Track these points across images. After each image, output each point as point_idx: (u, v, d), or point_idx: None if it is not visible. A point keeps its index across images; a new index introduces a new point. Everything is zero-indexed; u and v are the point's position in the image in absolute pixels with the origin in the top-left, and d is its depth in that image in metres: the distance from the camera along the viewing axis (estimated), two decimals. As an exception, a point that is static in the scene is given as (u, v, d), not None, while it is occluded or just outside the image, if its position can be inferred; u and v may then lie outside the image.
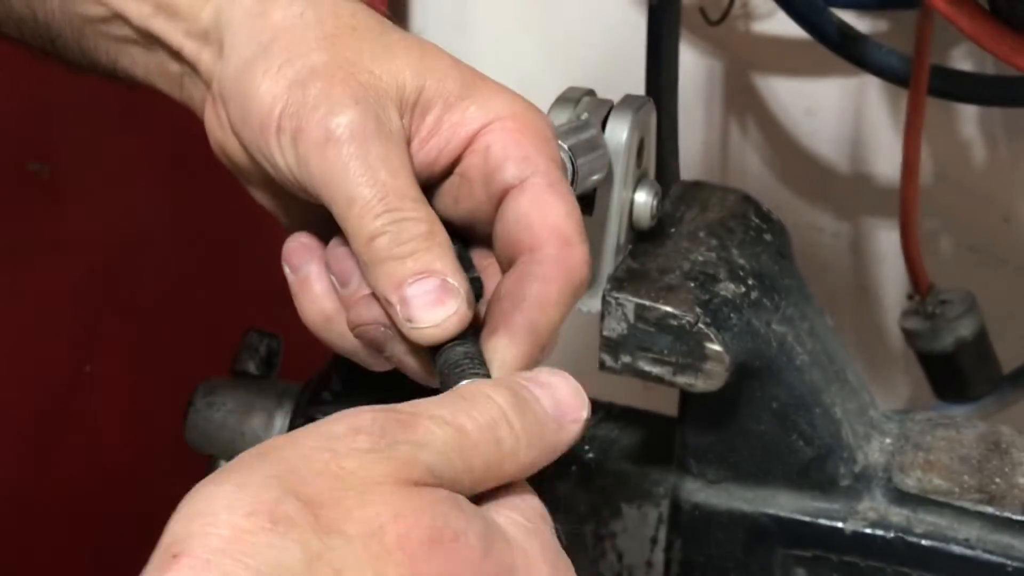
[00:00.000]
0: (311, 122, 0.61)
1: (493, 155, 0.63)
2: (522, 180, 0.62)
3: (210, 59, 0.67)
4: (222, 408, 1.00)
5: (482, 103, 0.64)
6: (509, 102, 0.64)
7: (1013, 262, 1.50)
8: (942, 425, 0.85)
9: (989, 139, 1.46)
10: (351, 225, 0.60)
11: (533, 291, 0.60)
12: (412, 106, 0.63)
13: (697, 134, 1.53)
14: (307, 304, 0.64)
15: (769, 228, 0.86)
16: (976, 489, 0.81)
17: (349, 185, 0.60)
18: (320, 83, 0.62)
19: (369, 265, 0.60)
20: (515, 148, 0.63)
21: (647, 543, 0.87)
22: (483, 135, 0.63)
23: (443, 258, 0.60)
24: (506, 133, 0.63)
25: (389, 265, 0.59)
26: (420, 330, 0.59)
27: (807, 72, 1.49)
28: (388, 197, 0.60)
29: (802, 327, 0.82)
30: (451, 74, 0.64)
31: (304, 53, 0.63)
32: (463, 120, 0.63)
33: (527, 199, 0.62)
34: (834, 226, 1.55)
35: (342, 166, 0.60)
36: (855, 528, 0.81)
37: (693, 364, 0.76)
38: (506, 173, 0.63)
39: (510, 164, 0.63)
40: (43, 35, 0.74)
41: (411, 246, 0.59)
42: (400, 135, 0.62)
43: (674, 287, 0.77)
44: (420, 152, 0.63)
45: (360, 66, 0.63)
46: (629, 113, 0.77)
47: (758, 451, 0.82)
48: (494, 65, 1.75)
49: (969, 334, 1.33)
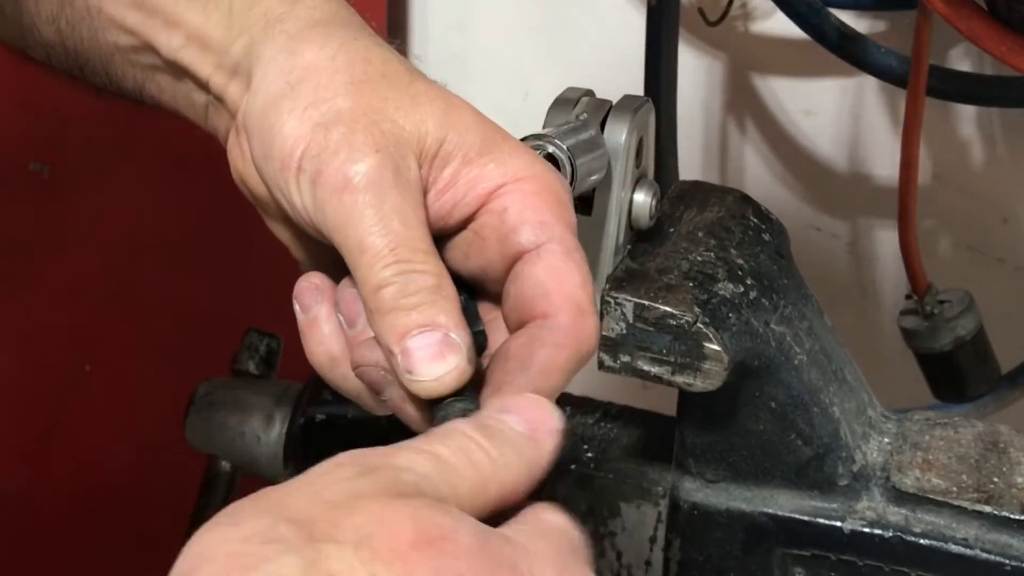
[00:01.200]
0: (331, 167, 0.61)
1: (510, 217, 0.63)
2: (538, 245, 0.63)
3: (237, 92, 0.67)
4: (222, 408, 1.01)
5: (502, 161, 0.64)
6: (529, 163, 0.64)
7: (1011, 262, 1.50)
8: (940, 425, 0.86)
9: (987, 139, 1.46)
10: (361, 273, 0.61)
11: (542, 356, 0.61)
12: (432, 157, 0.63)
13: (696, 134, 1.53)
14: (314, 345, 0.65)
15: (768, 228, 0.86)
16: (974, 488, 0.81)
17: (362, 233, 0.61)
18: (343, 128, 0.62)
19: (375, 313, 0.60)
20: (532, 212, 0.63)
21: (646, 542, 0.88)
22: (500, 195, 0.63)
23: (448, 312, 0.60)
24: (523, 196, 0.63)
25: (394, 315, 0.60)
26: (419, 383, 0.59)
27: (806, 72, 1.49)
28: (399, 248, 0.60)
29: (800, 327, 0.82)
30: (473, 129, 0.64)
31: (331, 97, 0.63)
32: (481, 176, 0.64)
33: (543, 265, 0.62)
34: (833, 226, 1.55)
35: (357, 213, 0.61)
36: (853, 527, 0.81)
37: (692, 363, 0.77)
38: (522, 236, 0.63)
39: (527, 228, 0.63)
40: (71, 61, 0.74)
41: (417, 299, 0.60)
42: (417, 185, 0.63)
43: (673, 287, 0.78)
44: (436, 203, 0.64)
45: (384, 114, 0.63)
46: (628, 113, 0.77)
47: (757, 450, 0.82)
48: (494, 65, 1.76)
49: (967, 334, 1.33)
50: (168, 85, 0.71)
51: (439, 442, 0.54)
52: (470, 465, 0.54)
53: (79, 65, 0.74)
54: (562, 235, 0.63)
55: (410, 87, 0.65)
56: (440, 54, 1.60)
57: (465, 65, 1.60)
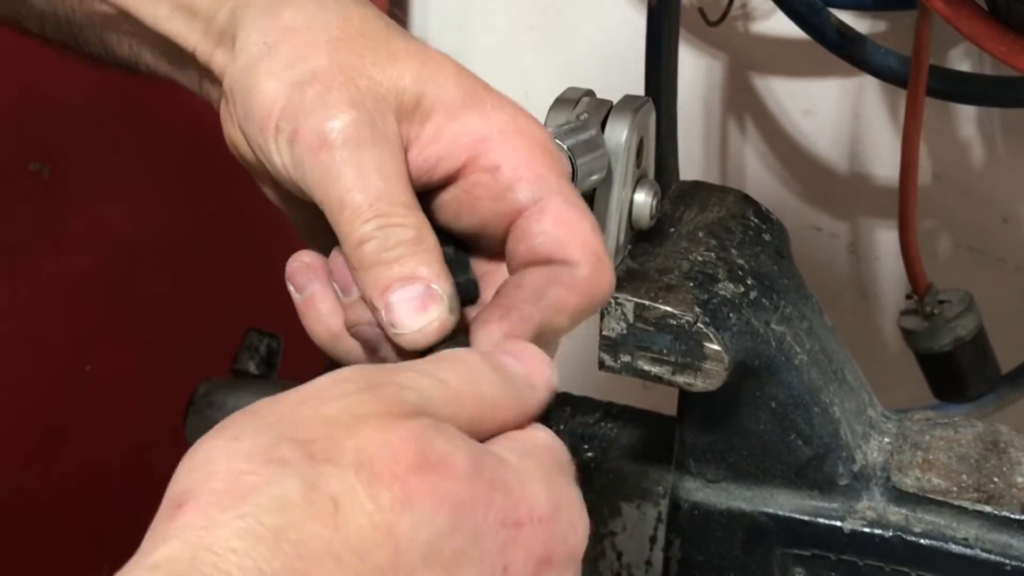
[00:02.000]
0: (306, 126, 0.61)
1: (503, 175, 0.63)
2: (537, 200, 0.63)
3: (223, 59, 0.67)
4: (222, 408, 1.00)
5: (484, 113, 0.64)
6: (513, 116, 0.64)
7: (1011, 262, 1.50)
8: (940, 424, 0.86)
9: (987, 139, 1.46)
10: (342, 229, 0.61)
11: (556, 293, 0.61)
12: (411, 112, 0.63)
13: (696, 134, 1.54)
14: (314, 323, 0.65)
15: (768, 228, 0.86)
16: (974, 488, 0.81)
17: (341, 189, 0.60)
18: (319, 86, 0.62)
19: (358, 270, 0.60)
20: (527, 168, 0.63)
21: (646, 542, 0.88)
22: (489, 151, 0.63)
23: (429, 263, 0.60)
24: (514, 152, 0.63)
25: (376, 270, 0.60)
26: (403, 335, 0.59)
27: (806, 73, 1.49)
28: (378, 203, 0.60)
29: (801, 327, 0.82)
30: (454, 82, 0.64)
31: (308, 56, 0.63)
32: (465, 130, 0.63)
33: (550, 219, 0.62)
34: (833, 226, 1.55)
35: (336, 171, 0.61)
36: (853, 527, 0.81)
37: (692, 363, 0.77)
38: (519, 194, 0.63)
39: (523, 185, 0.63)
40: (64, 31, 0.74)
41: (398, 251, 0.60)
42: (396, 140, 0.62)
43: (673, 287, 0.78)
44: (419, 158, 0.63)
45: (361, 71, 0.63)
46: (628, 113, 0.77)
47: (757, 450, 0.82)
48: (494, 65, 1.76)
49: (967, 334, 1.33)
50: (160, 53, 0.71)
51: (448, 367, 0.55)
52: (476, 396, 0.55)
53: (73, 35, 0.74)
54: (560, 186, 0.63)
55: (388, 44, 0.65)
56: (440, 54, 1.60)
57: (465, 65, 1.60)
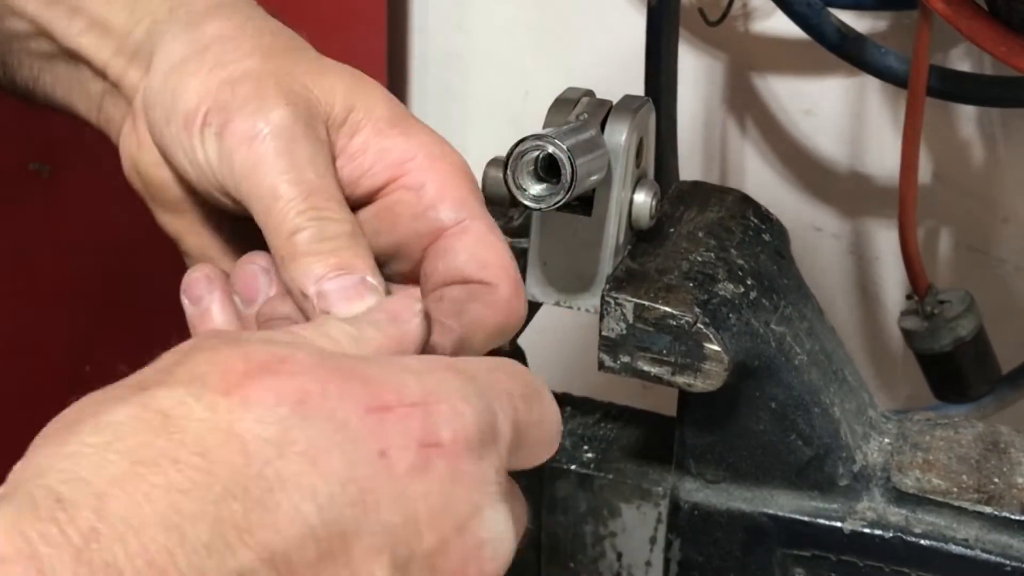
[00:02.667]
0: (239, 116, 0.61)
1: (428, 194, 0.63)
2: (459, 221, 0.63)
3: (136, 76, 0.67)
4: (222, 408, 1.00)
5: (412, 135, 0.64)
6: (438, 142, 0.64)
7: (1012, 262, 1.50)
8: (941, 425, 0.86)
9: (988, 139, 1.46)
10: (272, 220, 0.60)
11: (476, 310, 0.61)
12: (340, 125, 0.63)
13: (696, 134, 1.53)
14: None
15: (768, 228, 0.86)
16: (975, 489, 0.81)
17: (274, 179, 0.60)
18: (251, 83, 0.62)
19: (287, 260, 0.60)
20: (452, 190, 0.63)
21: (646, 543, 0.88)
22: (414, 171, 0.63)
23: (364, 258, 0.60)
24: (440, 175, 0.63)
25: (309, 259, 0.59)
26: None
27: (806, 72, 1.49)
28: (312, 196, 0.60)
29: (801, 327, 0.82)
30: (382, 103, 0.64)
31: (238, 59, 0.63)
32: (392, 148, 0.63)
33: (473, 239, 0.62)
34: (833, 226, 1.55)
35: (270, 160, 0.60)
36: (854, 528, 0.81)
37: (692, 364, 0.77)
38: (442, 213, 0.63)
39: (447, 205, 0.63)
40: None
41: (334, 244, 0.59)
42: (327, 145, 0.62)
43: (673, 287, 0.78)
44: (343, 170, 0.63)
45: (294, 76, 0.63)
46: (628, 113, 0.77)
47: (757, 451, 0.82)
48: (494, 65, 1.76)
49: (968, 334, 1.33)
50: (63, 74, 0.70)
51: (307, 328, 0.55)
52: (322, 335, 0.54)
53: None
54: (482, 212, 0.63)
55: (320, 60, 0.65)
56: (440, 54, 1.60)
57: (465, 65, 1.60)
